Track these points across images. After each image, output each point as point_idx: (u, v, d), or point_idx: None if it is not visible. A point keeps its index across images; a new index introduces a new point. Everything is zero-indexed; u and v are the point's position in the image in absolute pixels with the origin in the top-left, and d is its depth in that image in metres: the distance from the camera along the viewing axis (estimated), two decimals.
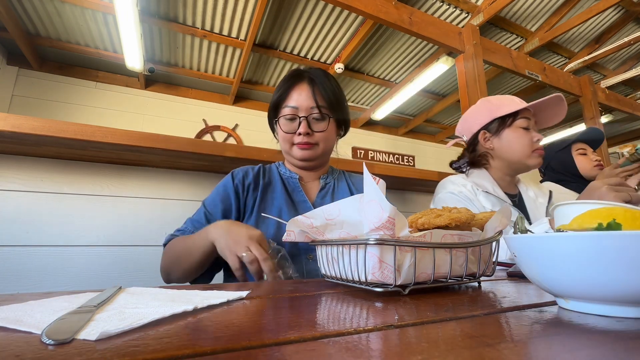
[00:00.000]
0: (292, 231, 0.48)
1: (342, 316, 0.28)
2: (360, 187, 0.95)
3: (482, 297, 0.35)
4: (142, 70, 2.98)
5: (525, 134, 0.99)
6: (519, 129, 1.00)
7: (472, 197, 0.98)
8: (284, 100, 0.81)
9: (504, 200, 0.99)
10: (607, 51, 3.13)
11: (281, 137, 0.83)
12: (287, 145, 0.83)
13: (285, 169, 0.88)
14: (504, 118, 1.01)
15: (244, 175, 0.83)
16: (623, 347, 0.19)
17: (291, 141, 0.82)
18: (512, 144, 1.00)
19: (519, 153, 0.99)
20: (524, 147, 0.98)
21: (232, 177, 0.82)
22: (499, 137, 1.02)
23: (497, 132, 1.03)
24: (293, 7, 2.66)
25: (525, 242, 0.29)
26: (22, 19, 2.62)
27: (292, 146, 0.82)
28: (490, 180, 1.03)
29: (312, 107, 0.79)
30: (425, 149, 5.07)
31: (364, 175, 0.36)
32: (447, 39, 1.93)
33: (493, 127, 1.03)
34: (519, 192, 1.09)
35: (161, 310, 0.26)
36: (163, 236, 1.07)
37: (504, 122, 1.01)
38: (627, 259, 0.23)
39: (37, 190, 0.96)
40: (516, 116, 1.00)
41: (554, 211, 0.56)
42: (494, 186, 1.01)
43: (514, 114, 1.00)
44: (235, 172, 0.84)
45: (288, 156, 0.86)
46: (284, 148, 0.84)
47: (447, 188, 1.02)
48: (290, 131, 0.81)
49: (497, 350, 0.18)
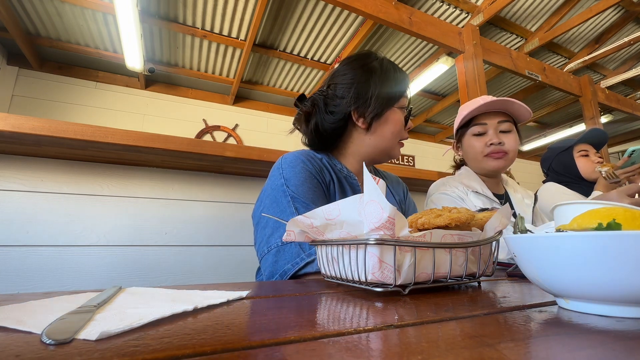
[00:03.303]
0: (292, 231, 0.48)
1: (342, 316, 0.27)
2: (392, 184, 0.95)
3: (482, 297, 0.35)
4: (142, 70, 2.98)
5: (475, 141, 1.03)
6: (471, 137, 1.04)
7: (464, 197, 1.01)
8: (405, 91, 0.79)
9: (492, 199, 1.02)
10: (607, 51, 3.13)
11: (395, 131, 0.76)
12: (395, 141, 0.78)
13: (342, 166, 0.78)
14: (462, 127, 1.06)
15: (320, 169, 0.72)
16: (623, 347, 0.19)
17: (401, 136, 0.78)
18: (467, 153, 1.07)
19: (473, 160, 1.06)
20: (475, 154, 1.04)
21: (312, 165, 0.70)
22: (462, 146, 1.10)
23: (459, 141, 1.10)
24: (293, 7, 2.66)
25: (525, 242, 0.29)
26: (22, 19, 2.62)
27: (398, 143, 0.79)
28: (478, 180, 1.06)
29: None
30: (425, 149, 5.07)
31: (364, 175, 0.36)
32: (447, 39, 1.93)
33: (458, 137, 1.11)
34: (506, 193, 1.11)
35: (161, 310, 0.26)
36: (163, 236, 1.08)
37: (463, 131, 1.07)
38: (627, 259, 0.23)
39: (37, 190, 0.96)
40: (468, 125, 1.04)
41: (554, 211, 0.56)
42: (482, 186, 1.04)
43: (467, 122, 1.04)
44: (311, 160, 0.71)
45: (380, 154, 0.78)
46: (387, 144, 0.77)
47: (439, 189, 1.05)
48: (406, 127, 0.80)
49: (497, 350, 0.18)
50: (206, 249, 1.13)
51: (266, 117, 4.05)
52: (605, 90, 2.86)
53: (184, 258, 1.09)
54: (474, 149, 1.03)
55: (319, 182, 0.68)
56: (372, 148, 0.77)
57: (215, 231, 1.15)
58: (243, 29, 2.85)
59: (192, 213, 1.13)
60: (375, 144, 0.76)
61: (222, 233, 1.16)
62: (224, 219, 1.17)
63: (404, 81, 0.79)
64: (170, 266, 1.07)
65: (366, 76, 0.75)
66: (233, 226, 1.18)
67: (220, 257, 1.14)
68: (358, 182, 0.77)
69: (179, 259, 1.08)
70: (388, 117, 0.75)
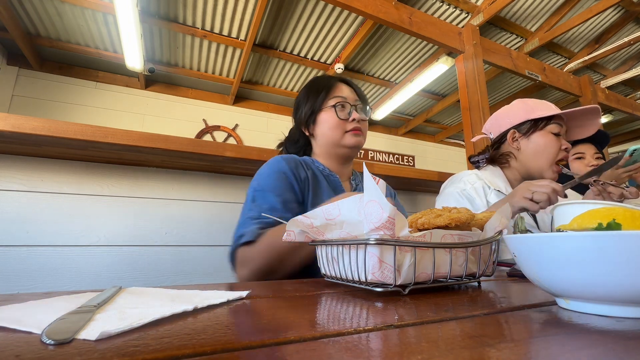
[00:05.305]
0: (292, 231, 0.48)
1: (342, 316, 0.27)
2: None
3: (482, 297, 0.35)
4: (142, 70, 2.98)
5: (554, 140, 0.98)
6: (549, 134, 0.98)
7: (475, 196, 0.97)
8: (331, 92, 0.85)
9: None
10: (607, 51, 3.13)
11: (331, 126, 0.83)
12: (339, 133, 0.83)
13: (324, 167, 0.86)
14: (537, 120, 1.00)
15: (297, 166, 0.78)
16: (623, 347, 0.19)
17: (344, 128, 0.83)
18: (539, 147, 0.99)
19: (543, 158, 0.98)
20: (550, 153, 0.97)
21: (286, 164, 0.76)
22: (527, 139, 1.01)
23: (527, 133, 1.01)
24: (293, 7, 2.66)
25: (525, 242, 0.29)
26: (22, 19, 2.62)
27: (344, 134, 0.83)
28: (503, 179, 1.03)
29: (357, 100, 0.86)
30: (425, 149, 5.07)
31: (364, 175, 0.36)
32: (447, 39, 1.93)
33: (524, 128, 1.02)
34: None
35: (161, 310, 0.26)
36: (163, 236, 1.08)
37: (536, 125, 1.00)
38: (627, 259, 0.23)
39: (37, 190, 0.96)
40: (550, 120, 0.99)
41: (554, 211, 0.56)
42: (506, 185, 1.01)
43: (547, 117, 0.99)
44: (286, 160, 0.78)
45: (335, 147, 0.85)
46: (334, 137, 0.83)
47: (454, 185, 1.02)
48: (344, 118, 0.83)
49: (497, 350, 0.18)
50: (206, 249, 1.13)
51: (266, 117, 4.05)
52: (605, 90, 2.86)
53: (184, 258, 1.09)
54: (550, 148, 0.96)
55: (287, 176, 0.74)
56: (324, 147, 0.87)
57: (215, 231, 1.15)
58: (243, 29, 2.85)
59: (192, 213, 1.13)
60: (322, 143, 0.86)
61: (222, 233, 1.16)
62: (224, 219, 1.17)
63: (327, 84, 0.86)
64: (170, 266, 1.07)
65: (302, 93, 0.90)
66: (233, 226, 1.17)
67: (220, 257, 1.13)
68: (340, 180, 0.85)
69: (179, 259, 1.08)
70: (320, 119, 0.85)
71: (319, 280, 0.52)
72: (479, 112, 1.84)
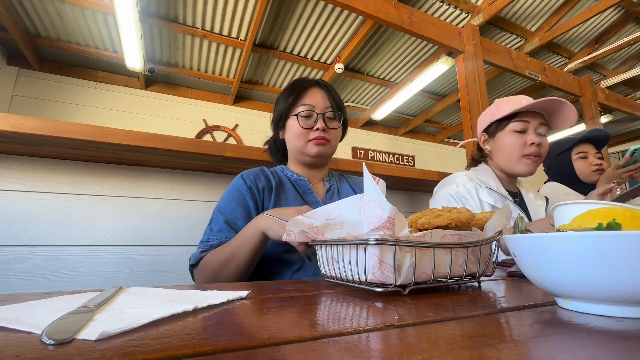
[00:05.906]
0: (292, 231, 0.48)
1: (342, 316, 0.27)
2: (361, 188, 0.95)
3: (482, 297, 0.35)
4: (142, 70, 2.98)
5: (516, 138, 0.98)
6: (511, 133, 0.99)
7: (468, 197, 0.98)
8: (299, 99, 0.84)
9: (506, 197, 1.00)
10: (607, 51, 3.13)
11: (295, 134, 0.83)
12: (302, 141, 0.83)
13: (292, 172, 0.88)
14: (500, 121, 1.01)
15: (256, 178, 0.81)
16: (623, 347, 0.19)
17: (307, 137, 0.83)
18: (503, 147, 1.01)
19: (506, 157, 1.00)
20: (512, 152, 0.98)
21: (243, 180, 0.80)
22: (493, 140, 1.04)
23: (492, 134, 1.05)
24: (293, 7, 2.66)
25: (525, 242, 0.29)
26: (22, 19, 2.62)
27: (307, 143, 0.83)
28: (493, 177, 1.04)
29: (327, 107, 0.84)
30: (425, 149, 5.07)
31: (364, 175, 0.36)
32: (447, 39, 1.93)
33: (490, 130, 1.05)
34: (520, 192, 1.10)
35: (161, 310, 0.26)
36: (163, 236, 1.08)
37: (499, 125, 1.02)
38: (627, 259, 0.23)
39: (37, 190, 0.96)
40: (511, 119, 0.99)
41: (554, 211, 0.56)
42: (497, 183, 1.02)
43: (508, 116, 0.99)
44: (245, 175, 0.82)
45: (300, 154, 0.86)
46: (297, 145, 0.84)
47: (446, 187, 1.03)
48: (307, 127, 0.83)
49: (497, 350, 0.18)
50: None
51: (266, 117, 3.98)
52: (605, 90, 2.86)
53: (184, 258, 1.09)
54: (512, 146, 0.98)
55: (240, 192, 0.78)
56: (291, 152, 0.89)
57: None
58: (243, 29, 2.84)
59: (192, 213, 1.13)
60: (290, 148, 0.89)
61: None
62: None
63: (299, 89, 0.86)
64: (170, 266, 1.07)
65: (278, 97, 0.91)
66: None
67: None
68: (308, 184, 0.86)
69: (179, 259, 1.08)
70: (287, 125, 0.86)
71: (319, 280, 0.52)
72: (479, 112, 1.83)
